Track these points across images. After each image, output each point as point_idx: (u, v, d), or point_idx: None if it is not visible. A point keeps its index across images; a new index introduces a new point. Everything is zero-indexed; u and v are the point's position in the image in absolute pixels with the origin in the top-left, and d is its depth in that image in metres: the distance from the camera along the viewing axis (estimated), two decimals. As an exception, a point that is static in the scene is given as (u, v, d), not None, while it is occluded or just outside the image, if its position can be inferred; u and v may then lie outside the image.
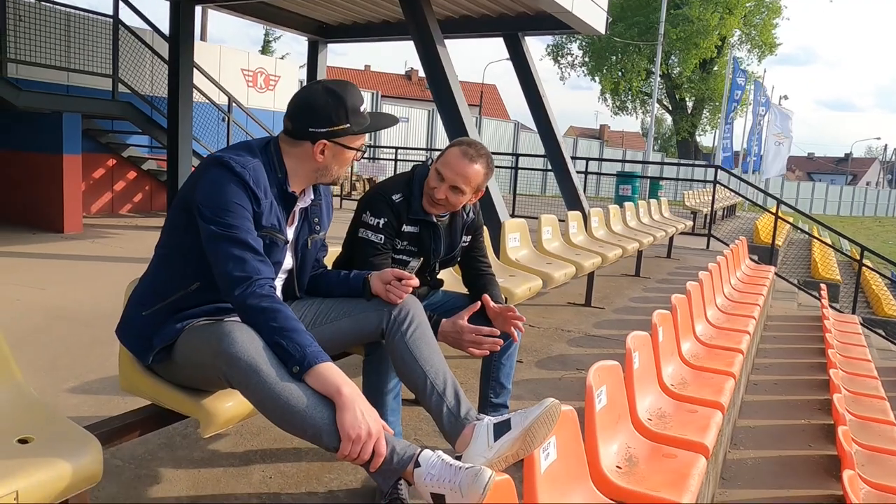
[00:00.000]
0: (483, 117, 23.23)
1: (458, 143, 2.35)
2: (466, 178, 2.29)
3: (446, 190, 2.29)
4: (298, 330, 1.58)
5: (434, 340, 1.93)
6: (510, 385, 2.65)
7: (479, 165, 2.32)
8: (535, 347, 4.20)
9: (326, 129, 1.77)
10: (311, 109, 1.78)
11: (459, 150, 2.30)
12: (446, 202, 2.32)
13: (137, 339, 1.77)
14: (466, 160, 2.29)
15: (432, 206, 2.35)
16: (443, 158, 2.33)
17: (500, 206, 6.34)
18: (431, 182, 2.32)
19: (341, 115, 1.78)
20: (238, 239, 1.65)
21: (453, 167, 2.28)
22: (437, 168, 2.31)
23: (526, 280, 3.77)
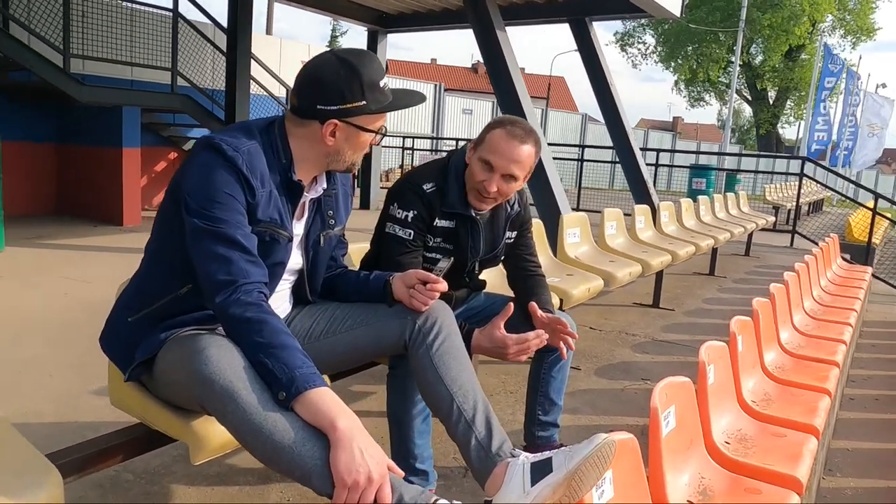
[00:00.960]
0: (550, 110, 22.66)
1: (499, 125, 2.01)
2: (520, 163, 1.97)
3: (498, 181, 1.97)
4: (288, 346, 1.31)
5: (465, 356, 1.63)
6: (561, 400, 2.32)
7: (531, 145, 1.99)
8: (594, 353, 3.84)
9: (337, 106, 1.50)
10: (319, 83, 1.50)
11: (505, 132, 1.97)
12: (498, 195, 2.01)
13: (121, 349, 1.54)
14: (516, 142, 1.96)
15: (482, 201, 2.03)
16: (486, 145, 1.99)
17: (561, 197, 5.95)
18: (478, 175, 1.99)
19: (355, 90, 1.50)
20: (224, 235, 1.39)
21: (503, 153, 1.96)
22: (483, 157, 1.98)
23: (585, 280, 3.42)
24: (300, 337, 1.69)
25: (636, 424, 2.87)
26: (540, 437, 2.29)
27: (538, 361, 2.26)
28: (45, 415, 2.54)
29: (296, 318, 1.75)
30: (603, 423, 2.86)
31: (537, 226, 3.56)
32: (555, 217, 4.89)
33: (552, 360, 2.24)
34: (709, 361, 2.21)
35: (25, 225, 6.86)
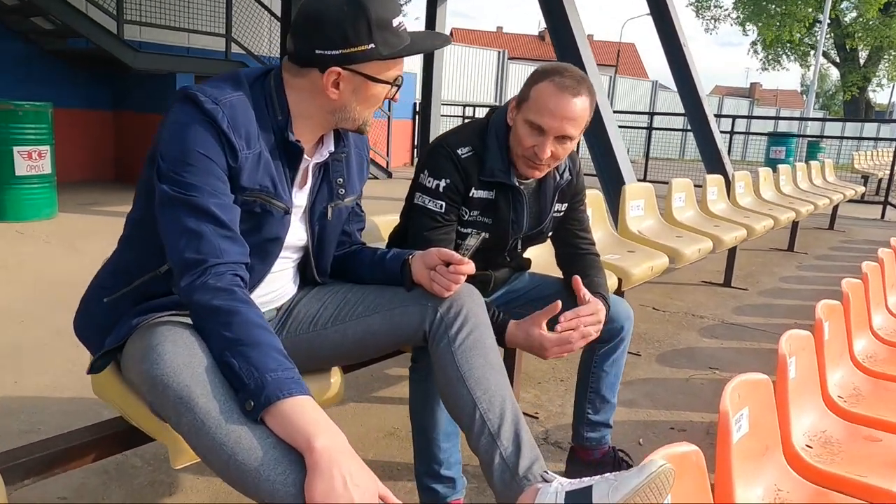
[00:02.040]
0: (618, 76, 21.72)
1: (544, 76, 1.66)
2: (575, 119, 1.64)
3: (553, 144, 1.66)
4: (261, 343, 1.08)
5: (494, 352, 1.38)
6: (615, 398, 2.04)
7: (585, 95, 1.65)
8: (657, 337, 3.50)
9: (339, 50, 1.24)
10: (317, 22, 1.24)
11: (553, 85, 1.63)
12: (552, 160, 1.70)
13: (94, 334, 1.35)
14: (568, 95, 1.62)
15: (534, 168, 1.72)
16: (533, 103, 1.66)
17: (625, 164, 5.52)
18: (526, 140, 1.68)
19: (361, 30, 1.23)
20: (195, 204, 1.16)
21: (555, 110, 1.63)
22: (530, 119, 1.66)
23: (648, 257, 3.08)
24: (305, 323, 1.48)
25: (701, 421, 2.55)
26: (589, 439, 2.03)
27: (589, 352, 1.99)
28: (65, 389, 2.43)
29: (301, 301, 1.53)
30: (662, 418, 2.56)
31: (596, 197, 3.24)
32: (617, 187, 4.52)
33: (604, 351, 1.96)
34: (790, 353, 1.88)
35: (82, 191, 6.93)
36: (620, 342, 1.96)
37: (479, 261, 1.76)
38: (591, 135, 5.60)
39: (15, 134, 5.10)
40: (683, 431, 2.46)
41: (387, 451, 2.18)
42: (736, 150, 15.92)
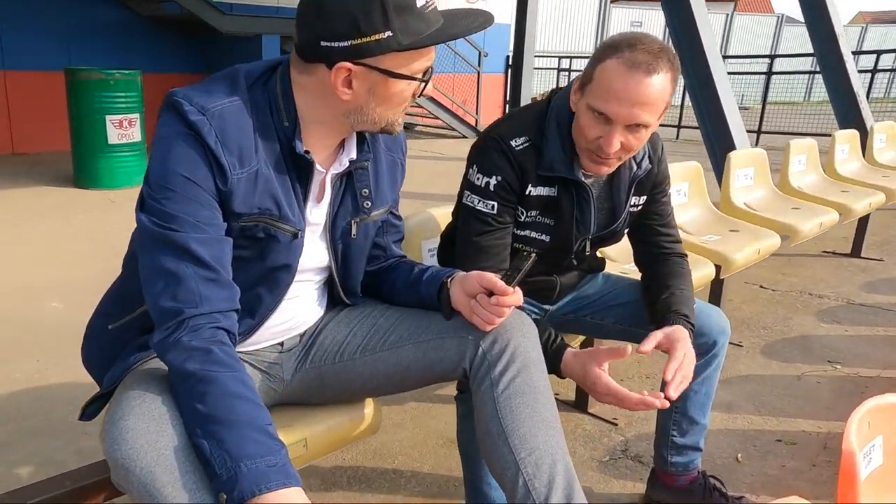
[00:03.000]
0: (737, 14, 19.92)
1: (612, 52, 1.33)
2: (650, 104, 1.33)
3: (621, 134, 1.36)
4: (237, 422, 0.91)
5: (546, 399, 1.15)
6: (706, 418, 1.75)
7: (664, 72, 1.31)
8: (764, 321, 3.09)
9: (348, 42, 1.01)
10: (320, 6, 1.01)
11: (621, 63, 1.31)
12: (623, 152, 1.40)
13: (100, 364, 1.22)
14: (640, 75, 1.30)
15: (600, 163, 1.44)
16: (597, 85, 1.35)
17: (737, 128, 4.92)
18: (590, 130, 1.38)
19: (374, 15, 0.99)
20: (174, 241, 0.99)
21: (623, 94, 1.31)
22: (594, 105, 1.35)
23: (754, 237, 2.68)
24: (331, 352, 1.30)
25: (816, 431, 2.19)
26: (674, 465, 1.77)
27: None
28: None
29: (328, 325, 1.34)
30: (767, 426, 2.21)
31: (692, 170, 2.85)
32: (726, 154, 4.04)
33: (697, 367, 1.65)
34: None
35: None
36: (713, 358, 1.66)
37: (542, 265, 1.53)
38: (695, 92, 5.04)
39: (106, 103, 5.22)
40: (793, 445, 2.11)
41: (444, 462, 2.00)
42: (878, 88, 13.78)
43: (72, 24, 6.82)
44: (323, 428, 1.32)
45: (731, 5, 23.71)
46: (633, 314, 1.69)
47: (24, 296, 3.12)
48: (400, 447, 2.06)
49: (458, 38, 1.08)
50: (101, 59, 6.91)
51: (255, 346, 1.26)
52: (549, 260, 1.60)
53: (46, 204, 5.01)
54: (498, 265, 1.47)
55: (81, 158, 5.43)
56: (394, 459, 2.00)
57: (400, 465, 1.98)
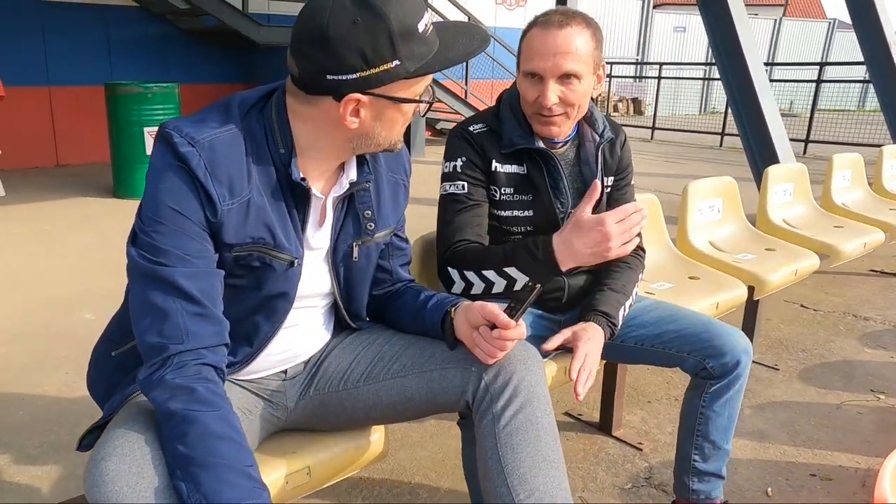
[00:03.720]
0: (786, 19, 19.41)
1: (531, 25, 1.53)
2: (570, 53, 1.46)
3: (553, 89, 1.48)
4: (217, 464, 0.90)
5: (550, 437, 1.12)
6: (729, 443, 1.68)
7: (576, 26, 1.47)
8: (803, 344, 2.96)
9: (357, 74, 0.99)
10: (325, 40, 0.98)
11: (538, 28, 1.50)
12: (564, 107, 1.50)
13: (104, 391, 1.22)
14: (554, 28, 1.46)
15: (548, 123, 1.54)
16: (524, 52, 1.53)
17: (781, 139, 4.76)
18: (528, 94, 1.52)
19: (382, 46, 0.98)
20: (162, 276, 0.98)
21: (543, 50, 1.47)
22: (524, 69, 1.52)
23: (791, 257, 2.57)
24: (335, 379, 1.28)
25: (855, 466, 2.07)
26: (696, 493, 1.70)
27: (695, 389, 1.66)
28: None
29: (333, 351, 1.32)
30: (802, 458, 2.11)
31: (728, 185, 2.74)
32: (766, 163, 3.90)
33: (716, 389, 1.61)
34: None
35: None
36: (735, 380, 1.61)
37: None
38: (735, 100, 4.91)
39: (145, 115, 5.35)
40: (829, 481, 2.00)
41: (462, 482, 1.95)
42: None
43: (113, 39, 7.03)
44: (327, 455, 1.30)
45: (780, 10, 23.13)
46: (656, 335, 1.63)
47: (59, 306, 3.19)
48: (417, 466, 2.03)
49: (460, 62, 1.07)
50: (142, 71, 7.10)
51: (257, 374, 1.25)
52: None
53: (85, 214, 5.14)
54: (475, 238, 1.55)
55: (120, 169, 5.56)
56: (410, 479, 1.97)
57: (417, 484, 1.94)
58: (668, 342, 1.61)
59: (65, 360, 2.64)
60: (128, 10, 7.03)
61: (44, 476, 1.92)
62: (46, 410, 2.27)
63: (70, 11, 6.66)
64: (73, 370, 2.54)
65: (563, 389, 2.51)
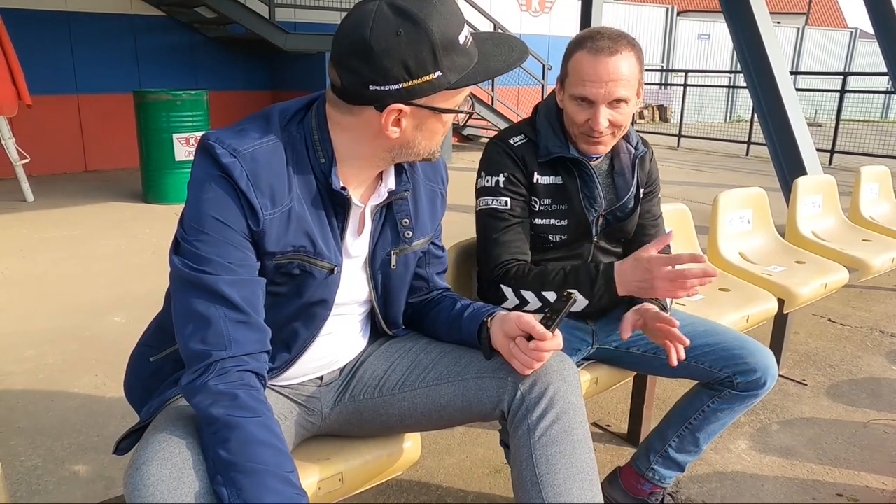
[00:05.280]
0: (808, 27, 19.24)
1: (577, 46, 1.52)
2: (621, 79, 1.49)
3: (607, 111, 1.51)
4: (258, 470, 0.91)
5: (585, 449, 1.12)
6: (705, 446, 1.74)
7: (625, 51, 1.49)
8: (831, 359, 2.93)
9: (400, 85, 1.01)
10: (368, 52, 0.99)
11: (587, 52, 1.50)
12: (613, 128, 1.54)
13: (141, 397, 1.25)
14: (605, 57, 1.48)
15: (597, 143, 1.57)
16: (572, 76, 1.53)
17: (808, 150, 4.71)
18: (578, 116, 1.54)
19: (425, 57, 0.99)
20: (206, 285, 1.00)
21: (596, 77, 1.49)
22: (574, 93, 1.53)
23: (821, 270, 2.54)
24: (370, 386, 1.29)
25: (882, 488, 2.04)
26: (653, 471, 1.77)
27: (711, 388, 1.67)
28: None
29: (369, 358, 1.34)
30: (828, 477, 2.08)
31: (758, 197, 2.73)
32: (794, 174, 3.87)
33: (731, 396, 1.63)
34: None
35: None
36: (753, 398, 1.64)
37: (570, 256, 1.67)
38: (763, 110, 4.87)
39: (174, 122, 5.44)
40: (855, 502, 1.98)
41: (490, 491, 1.96)
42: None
43: (141, 47, 7.16)
44: (360, 462, 1.31)
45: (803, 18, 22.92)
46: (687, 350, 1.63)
47: (90, 310, 3.24)
48: (445, 474, 2.03)
49: (500, 74, 1.08)
50: (170, 79, 7.21)
51: (293, 380, 1.27)
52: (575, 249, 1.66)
53: (114, 218, 5.22)
54: (522, 256, 1.59)
55: (149, 175, 5.66)
56: (438, 486, 1.97)
57: (444, 492, 1.95)
58: (701, 356, 1.62)
59: (95, 363, 2.68)
60: (155, 19, 7.16)
61: (71, 478, 1.95)
62: (76, 412, 2.31)
63: (98, 21, 6.80)
64: (104, 373, 2.59)
65: (592, 399, 2.52)
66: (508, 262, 1.57)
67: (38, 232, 4.74)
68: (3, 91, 5.03)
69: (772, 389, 2.55)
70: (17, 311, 3.25)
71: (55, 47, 6.60)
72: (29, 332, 2.96)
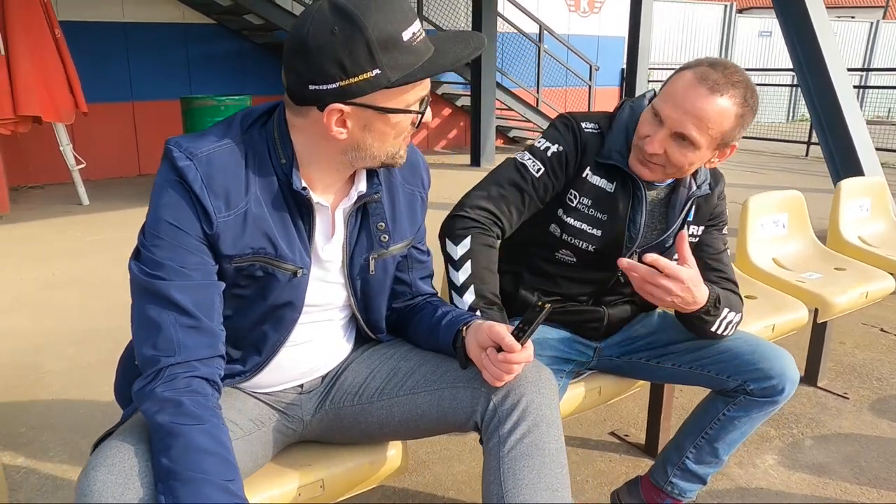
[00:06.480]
0: (884, 22, 18.25)
1: (696, 63, 1.37)
2: (702, 119, 1.32)
3: (664, 139, 1.37)
4: (196, 479, 0.90)
5: (556, 463, 1.08)
6: (727, 456, 1.62)
7: (728, 98, 1.32)
8: (879, 372, 2.75)
9: (336, 83, 0.99)
10: (305, 51, 0.99)
11: (693, 74, 1.34)
12: (665, 161, 1.39)
13: (126, 398, 1.25)
14: (704, 89, 1.32)
15: (641, 164, 1.44)
16: (667, 87, 1.39)
17: (863, 144, 4.46)
18: (643, 127, 1.41)
19: (360, 55, 0.97)
20: (158, 290, 1.00)
21: (680, 100, 1.34)
22: (655, 104, 1.39)
23: (862, 277, 2.40)
24: (350, 394, 1.28)
25: (926, 510, 1.90)
26: (672, 485, 1.67)
27: (723, 394, 1.58)
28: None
29: (351, 365, 1.32)
30: (865, 499, 1.94)
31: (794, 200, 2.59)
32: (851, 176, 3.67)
33: (747, 403, 1.53)
34: None
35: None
36: (771, 405, 1.53)
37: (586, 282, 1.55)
38: (816, 109, 4.64)
39: (218, 127, 5.59)
40: (893, 526, 1.85)
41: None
42: None
43: (192, 55, 7.38)
44: (342, 469, 1.30)
45: (880, 12, 21.72)
46: (694, 356, 1.56)
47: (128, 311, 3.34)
48: (453, 481, 2.00)
49: (449, 69, 1.05)
50: (219, 85, 7.40)
51: (273, 388, 1.26)
52: (595, 274, 1.54)
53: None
54: (505, 223, 1.47)
55: (197, 178, 5.83)
56: (445, 492, 1.95)
57: (451, 499, 1.92)
58: (709, 364, 1.54)
59: (126, 361, 2.75)
60: (206, 27, 7.37)
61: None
62: (103, 411, 2.37)
63: (153, 31, 7.05)
64: (133, 371, 2.66)
65: (610, 408, 2.44)
66: (491, 213, 1.45)
67: (91, 234, 4.93)
68: (62, 99, 5.27)
69: (809, 402, 2.46)
70: (61, 311, 3.38)
71: (113, 57, 6.88)
72: (70, 332, 3.08)
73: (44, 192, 6.48)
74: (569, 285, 1.55)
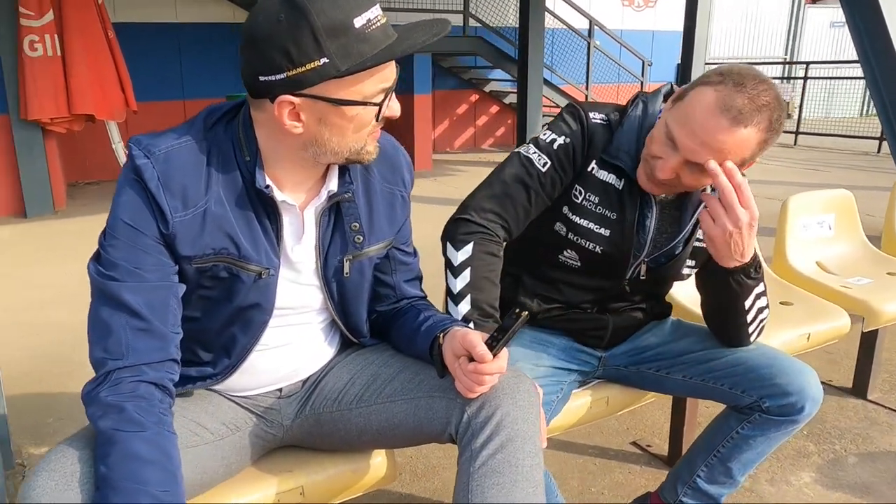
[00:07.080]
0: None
1: (719, 78, 1.20)
2: (721, 150, 1.19)
3: (678, 166, 1.24)
4: (129, 488, 0.88)
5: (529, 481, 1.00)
6: (742, 477, 1.50)
7: (752, 128, 1.18)
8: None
9: (283, 74, 0.94)
10: (253, 41, 0.95)
11: (716, 98, 1.17)
12: (677, 183, 1.28)
13: None
14: (726, 121, 1.17)
15: (650, 181, 1.32)
16: (685, 106, 1.22)
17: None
18: (655, 146, 1.27)
19: (306, 43, 0.92)
20: (110, 292, 0.97)
21: (699, 128, 1.19)
22: (669, 123, 1.24)
23: None
24: (329, 399, 1.23)
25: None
26: None
27: (737, 410, 1.45)
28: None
29: (332, 369, 1.27)
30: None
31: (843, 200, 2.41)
32: None
33: (764, 421, 1.40)
34: None
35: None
36: (790, 424, 1.40)
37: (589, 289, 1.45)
38: (884, 106, 4.33)
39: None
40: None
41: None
42: None
43: (240, 54, 7.54)
44: (323, 476, 1.25)
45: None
46: (706, 368, 1.45)
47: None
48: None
49: (404, 55, 0.97)
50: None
51: (249, 391, 1.22)
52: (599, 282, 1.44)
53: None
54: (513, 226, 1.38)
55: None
56: (451, 501, 1.88)
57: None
58: (722, 377, 1.43)
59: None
60: (256, 26, 7.51)
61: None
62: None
63: (204, 31, 7.19)
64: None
65: (634, 417, 2.31)
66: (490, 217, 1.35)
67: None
68: (113, 98, 5.42)
69: (856, 416, 2.28)
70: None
71: (166, 56, 7.06)
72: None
73: (99, 188, 6.71)
74: (571, 292, 1.45)
